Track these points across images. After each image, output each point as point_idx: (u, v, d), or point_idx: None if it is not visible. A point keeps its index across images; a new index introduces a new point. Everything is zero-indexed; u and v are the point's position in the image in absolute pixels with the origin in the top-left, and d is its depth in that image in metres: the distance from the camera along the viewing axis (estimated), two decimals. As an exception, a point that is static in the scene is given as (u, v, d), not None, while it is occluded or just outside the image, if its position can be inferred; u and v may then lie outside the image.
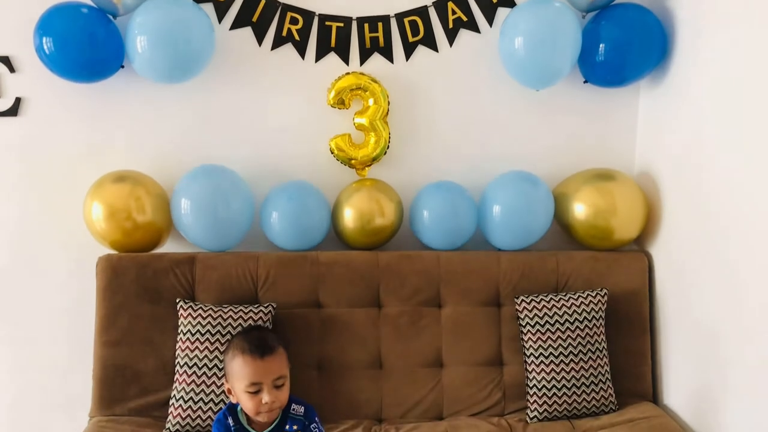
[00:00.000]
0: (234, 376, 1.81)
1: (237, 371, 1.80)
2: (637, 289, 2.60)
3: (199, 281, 2.49)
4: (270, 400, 1.77)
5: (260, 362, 1.78)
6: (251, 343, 1.81)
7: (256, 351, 1.79)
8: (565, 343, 2.46)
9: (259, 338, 1.84)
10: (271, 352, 1.81)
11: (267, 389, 1.78)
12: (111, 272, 2.45)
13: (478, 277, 2.59)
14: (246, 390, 1.78)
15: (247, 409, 1.81)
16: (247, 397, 1.79)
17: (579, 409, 2.45)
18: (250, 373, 1.78)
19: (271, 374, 1.79)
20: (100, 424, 2.33)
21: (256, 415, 1.81)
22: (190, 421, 2.32)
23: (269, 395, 1.77)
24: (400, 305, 2.57)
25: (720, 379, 2.21)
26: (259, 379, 1.78)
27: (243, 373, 1.79)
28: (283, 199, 2.56)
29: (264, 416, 1.81)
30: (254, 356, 1.79)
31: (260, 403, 1.78)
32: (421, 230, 2.64)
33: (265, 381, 1.78)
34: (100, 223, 2.48)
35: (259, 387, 1.78)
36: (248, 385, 1.78)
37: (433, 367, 2.56)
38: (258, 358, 1.78)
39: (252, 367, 1.78)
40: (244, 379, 1.78)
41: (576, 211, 2.61)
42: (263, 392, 1.78)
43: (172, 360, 2.41)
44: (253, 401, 1.78)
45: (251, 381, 1.78)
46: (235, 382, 1.81)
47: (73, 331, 2.68)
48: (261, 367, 1.78)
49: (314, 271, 2.54)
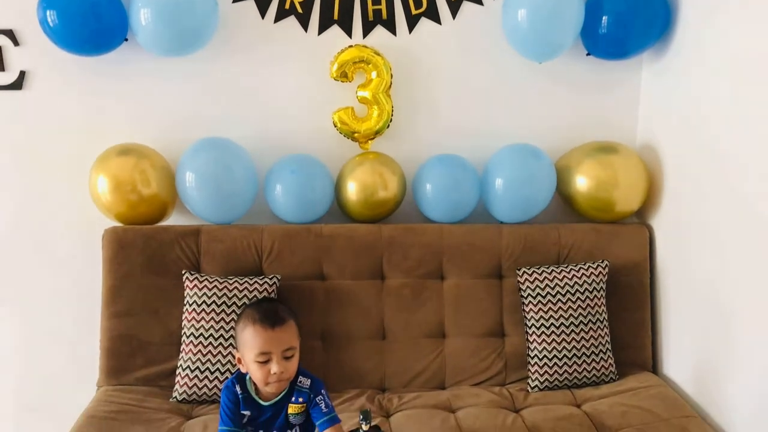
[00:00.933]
0: (244, 345, 1.83)
1: (248, 340, 1.82)
2: (638, 261, 2.62)
3: (205, 253, 2.52)
4: (278, 371, 1.79)
5: (271, 332, 1.80)
6: (263, 314, 1.83)
7: (267, 321, 1.81)
8: (566, 314, 2.48)
9: (271, 309, 1.86)
10: (282, 323, 1.82)
11: (276, 360, 1.80)
12: (117, 244, 2.48)
13: (480, 249, 2.62)
14: (255, 359, 1.80)
15: (256, 378, 1.83)
16: (257, 366, 1.81)
17: (579, 378, 2.49)
18: (260, 343, 1.80)
19: (280, 345, 1.81)
20: (108, 393, 2.36)
21: (265, 386, 1.83)
22: (196, 390, 2.36)
23: (278, 366, 1.79)
24: (403, 277, 2.60)
25: (719, 350, 2.24)
26: (269, 349, 1.80)
27: (253, 342, 1.80)
28: (286, 172, 2.57)
29: (272, 386, 1.83)
30: (265, 326, 1.80)
31: (269, 373, 1.80)
32: (424, 203, 2.66)
33: (275, 351, 1.80)
34: (106, 196, 2.50)
35: (269, 357, 1.80)
36: (258, 354, 1.80)
37: (436, 338, 2.59)
38: (269, 329, 1.80)
39: (262, 337, 1.80)
40: (254, 348, 1.80)
41: (578, 184, 2.63)
42: (272, 362, 1.79)
43: (178, 330, 2.44)
44: (262, 371, 1.80)
45: (261, 351, 1.80)
46: (245, 351, 1.83)
47: (80, 303, 2.71)
48: (271, 337, 1.80)
49: (318, 243, 2.57)
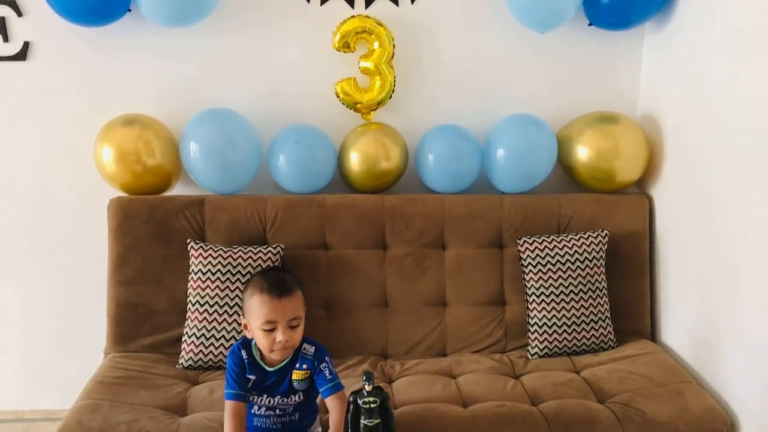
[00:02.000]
0: (251, 312, 1.86)
1: (254, 308, 1.84)
2: (638, 231, 2.65)
3: (209, 223, 2.55)
4: (284, 339, 1.82)
5: (277, 302, 1.82)
6: (270, 283, 1.85)
7: (274, 291, 1.83)
8: (566, 283, 2.52)
9: (278, 279, 1.87)
10: (288, 293, 1.84)
11: (282, 329, 1.82)
12: (122, 214, 2.51)
13: (481, 219, 2.64)
14: (261, 327, 1.83)
15: (262, 345, 1.86)
16: (263, 334, 1.84)
17: (579, 346, 2.53)
18: (266, 311, 1.82)
19: (286, 314, 1.83)
20: (116, 360, 2.41)
21: (270, 353, 1.87)
22: (202, 357, 2.40)
23: (283, 334, 1.82)
24: (405, 247, 2.63)
25: (717, 319, 2.27)
26: (275, 318, 1.82)
27: (260, 311, 1.83)
28: (289, 143, 2.59)
29: (277, 354, 1.86)
30: (272, 296, 1.82)
31: (274, 341, 1.82)
32: (426, 174, 2.68)
33: (281, 320, 1.82)
34: (111, 166, 2.53)
35: (275, 326, 1.83)
36: (264, 323, 1.82)
37: (437, 306, 2.63)
38: (275, 298, 1.82)
39: (269, 306, 1.82)
40: (261, 317, 1.83)
41: (579, 154, 2.65)
42: (278, 331, 1.82)
43: (183, 299, 2.47)
44: (268, 339, 1.83)
45: (267, 319, 1.82)
46: (251, 318, 1.86)
47: (87, 273, 2.75)
48: (278, 306, 1.82)
49: (321, 213, 2.59)
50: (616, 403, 2.18)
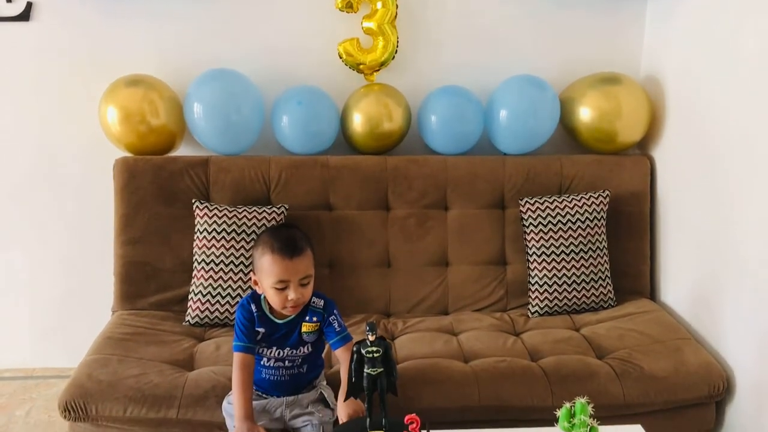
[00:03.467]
0: (262, 271, 1.88)
1: (266, 268, 1.86)
2: (639, 191, 2.67)
3: (213, 183, 2.57)
4: (295, 297, 1.85)
5: (289, 262, 1.84)
6: (282, 243, 1.86)
7: (286, 251, 1.84)
8: (566, 243, 2.54)
9: (290, 238, 1.88)
10: (300, 253, 1.86)
11: (293, 287, 1.85)
12: (128, 174, 2.53)
13: (483, 180, 2.67)
14: (273, 286, 1.85)
15: (273, 303, 1.89)
16: (274, 292, 1.86)
17: (579, 304, 2.56)
18: (278, 271, 1.84)
19: (298, 274, 1.85)
20: (123, 317, 2.45)
21: (282, 309, 1.90)
22: (208, 314, 2.44)
23: (295, 293, 1.84)
24: (408, 208, 2.65)
25: (717, 278, 2.30)
26: (287, 277, 1.84)
27: (272, 270, 1.85)
28: (292, 104, 2.60)
29: (289, 311, 1.89)
30: (284, 256, 1.84)
31: (286, 299, 1.85)
32: (429, 135, 2.70)
33: (293, 280, 1.85)
34: (115, 126, 2.55)
35: (286, 284, 1.85)
36: (276, 282, 1.85)
37: (439, 266, 2.66)
38: (287, 258, 1.84)
39: (281, 266, 1.84)
40: (273, 276, 1.85)
41: (581, 115, 2.66)
42: (289, 290, 1.84)
43: (189, 258, 2.51)
44: (280, 297, 1.86)
45: (279, 279, 1.84)
46: (262, 277, 1.88)
47: (93, 232, 2.79)
48: (290, 266, 1.84)
49: (324, 174, 2.62)
50: (615, 359, 2.22)
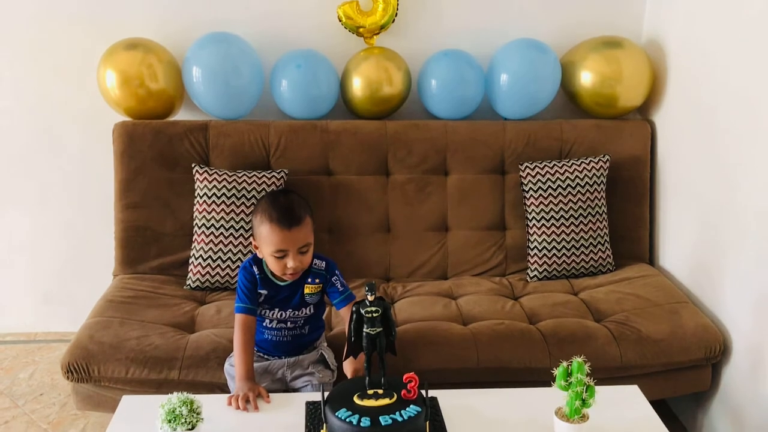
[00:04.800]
0: (261, 239, 1.87)
1: (264, 237, 1.85)
2: (639, 156, 2.66)
3: (213, 147, 2.57)
4: (294, 265, 1.85)
5: (287, 232, 1.82)
6: (280, 213, 1.84)
7: (284, 221, 1.83)
8: (566, 207, 2.55)
9: (288, 207, 1.86)
10: (298, 222, 1.84)
11: (292, 255, 1.84)
12: (127, 138, 2.53)
13: (483, 145, 2.66)
14: (272, 255, 1.85)
15: (273, 269, 1.89)
16: (274, 260, 1.86)
17: (578, 269, 2.57)
18: (276, 241, 1.83)
19: (297, 243, 1.84)
20: (124, 281, 2.46)
21: (281, 276, 1.90)
22: (209, 278, 2.45)
23: (294, 261, 1.84)
24: (408, 173, 2.65)
25: (715, 242, 2.30)
26: (286, 247, 1.84)
27: (270, 239, 1.84)
28: (291, 67, 2.59)
29: (288, 277, 1.90)
30: (282, 227, 1.82)
31: (285, 266, 1.85)
32: (429, 99, 2.68)
33: (291, 249, 1.84)
34: (114, 91, 2.53)
35: (285, 253, 1.84)
36: (274, 251, 1.84)
37: (439, 231, 2.67)
38: (285, 229, 1.82)
39: (279, 236, 1.83)
40: (271, 245, 1.84)
41: (582, 79, 2.64)
42: (288, 258, 1.84)
43: (189, 222, 2.52)
44: (279, 264, 1.86)
45: (277, 248, 1.84)
46: (262, 244, 1.88)
47: (94, 197, 2.80)
48: (288, 236, 1.83)
49: (324, 139, 2.61)
50: (613, 322, 2.24)
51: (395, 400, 1.53)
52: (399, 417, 1.48)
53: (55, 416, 2.49)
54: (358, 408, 1.51)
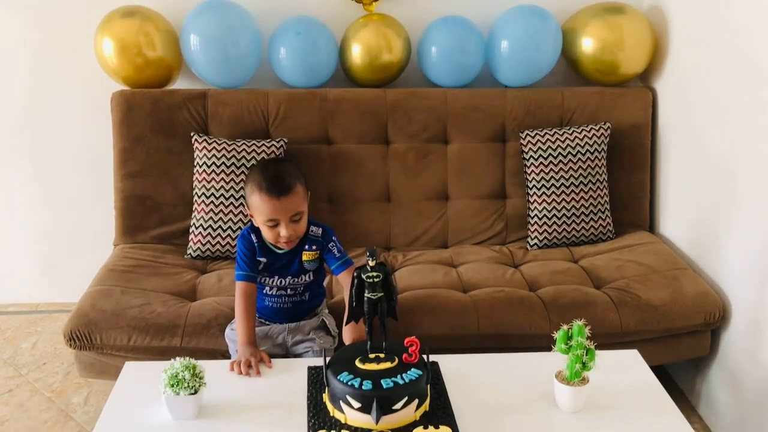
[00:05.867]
0: (253, 209, 1.88)
1: (256, 206, 1.86)
2: (641, 124, 2.65)
3: (212, 116, 2.55)
4: (287, 234, 1.84)
5: (277, 202, 1.82)
6: (269, 182, 1.83)
7: (273, 191, 1.82)
8: (566, 175, 2.54)
9: (277, 176, 1.85)
10: (287, 191, 1.83)
11: (284, 224, 1.84)
12: (126, 107, 2.51)
13: (484, 113, 2.64)
14: (265, 224, 1.86)
15: (268, 238, 1.89)
16: (267, 229, 1.86)
17: (578, 237, 2.57)
18: (267, 210, 1.83)
19: (288, 212, 1.84)
20: (125, 250, 2.46)
21: (276, 244, 1.90)
22: (209, 247, 2.45)
23: (286, 229, 1.84)
24: (408, 141, 2.64)
25: (716, 211, 2.30)
26: (276, 216, 1.84)
27: (261, 209, 1.84)
28: (290, 34, 2.56)
29: (283, 245, 1.90)
30: (271, 196, 1.82)
31: (278, 235, 1.85)
32: (429, 67, 2.66)
33: (283, 218, 1.84)
34: (112, 59, 2.52)
35: (277, 222, 1.84)
36: (266, 220, 1.85)
37: (439, 200, 2.66)
38: (275, 198, 1.82)
39: (269, 206, 1.82)
40: (263, 215, 1.85)
41: (583, 46, 2.62)
42: (281, 227, 1.84)
43: (189, 192, 2.51)
44: (272, 233, 1.86)
45: (269, 218, 1.84)
46: (255, 214, 1.88)
47: (93, 167, 2.79)
48: (278, 205, 1.82)
49: (323, 107, 2.60)
50: (613, 289, 2.25)
51: (396, 364, 1.54)
52: (400, 380, 1.49)
53: (58, 384, 2.50)
54: (360, 372, 1.52)
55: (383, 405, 1.45)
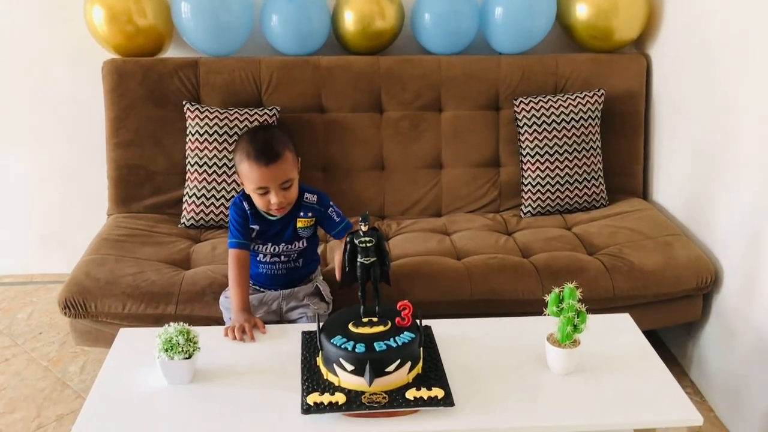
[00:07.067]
0: (242, 176, 1.87)
1: (245, 174, 1.85)
2: (635, 90, 2.64)
3: (204, 85, 2.54)
4: (277, 201, 1.84)
5: (265, 169, 1.81)
6: (257, 150, 1.81)
7: (261, 158, 1.80)
8: (560, 143, 2.53)
9: (266, 144, 1.83)
10: (276, 159, 1.81)
11: (274, 192, 1.83)
12: (117, 75, 2.49)
13: (478, 80, 2.63)
14: (254, 191, 1.85)
15: (259, 205, 1.89)
16: (257, 196, 1.86)
17: (571, 204, 2.58)
18: (256, 178, 1.82)
19: (277, 180, 1.83)
20: (119, 220, 2.46)
21: (267, 211, 1.90)
22: (203, 216, 2.45)
23: (276, 197, 1.83)
24: (402, 109, 2.63)
25: (708, 176, 2.30)
26: (265, 183, 1.83)
27: (250, 177, 1.83)
28: (282, 2, 2.54)
29: (274, 212, 1.89)
30: (259, 163, 1.80)
31: (269, 202, 1.85)
32: (422, 34, 2.64)
33: (272, 185, 1.83)
34: (102, 27, 2.49)
35: (266, 190, 1.84)
36: (256, 188, 1.84)
37: (433, 169, 2.66)
38: (263, 166, 1.80)
39: (258, 174, 1.81)
40: (252, 182, 1.84)
41: (577, 12, 2.60)
42: (271, 194, 1.84)
43: (182, 161, 2.50)
44: (263, 200, 1.86)
45: (258, 185, 1.83)
46: (244, 181, 1.88)
47: (86, 136, 2.77)
48: (266, 173, 1.81)
49: (316, 75, 2.58)
50: (605, 255, 2.26)
51: (390, 328, 1.55)
52: (393, 343, 1.50)
53: (54, 354, 2.52)
54: (353, 335, 1.53)
55: (376, 367, 1.46)
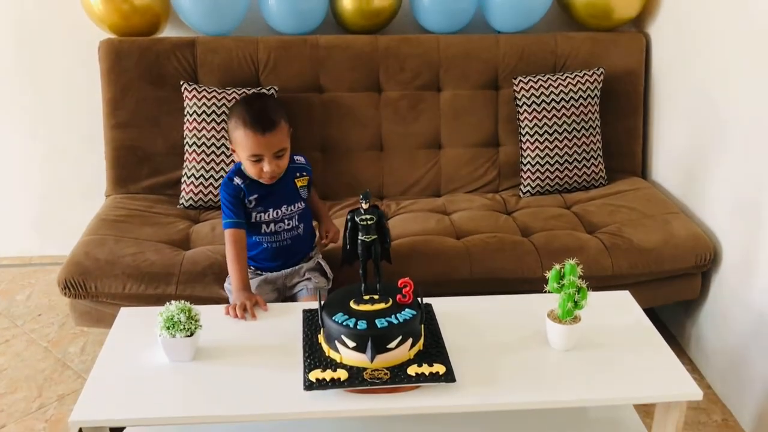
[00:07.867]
0: (236, 143, 1.87)
1: (239, 141, 1.85)
2: (634, 69, 2.63)
3: (201, 64, 2.52)
4: (270, 170, 1.85)
5: (261, 137, 1.81)
6: (253, 117, 1.82)
7: (258, 126, 1.81)
8: (559, 122, 2.53)
9: (262, 111, 1.84)
10: (272, 128, 1.83)
11: (268, 160, 1.84)
12: (114, 55, 2.47)
13: (477, 60, 2.62)
14: (248, 159, 1.86)
15: (251, 173, 1.89)
16: (250, 164, 1.86)
17: (570, 183, 2.58)
18: (251, 145, 1.83)
19: (271, 148, 1.84)
20: (117, 201, 2.45)
21: (258, 179, 1.90)
22: (202, 196, 2.45)
23: (269, 165, 1.85)
24: (400, 89, 2.62)
25: (706, 154, 2.30)
26: (260, 152, 1.84)
27: (245, 144, 1.84)
28: (279, -21, 2.52)
29: (266, 180, 1.89)
30: (255, 131, 1.81)
31: (262, 170, 1.86)
32: (421, 12, 2.63)
33: (266, 154, 1.84)
34: (98, 6, 2.47)
35: (260, 157, 1.85)
36: (250, 155, 1.84)
37: (432, 149, 2.65)
38: (259, 134, 1.81)
39: (253, 141, 1.82)
40: (246, 150, 1.84)
41: (577, -10, 2.59)
42: (264, 162, 1.85)
43: (180, 142, 2.49)
44: (255, 168, 1.86)
45: (252, 153, 1.84)
46: (238, 149, 1.88)
47: (83, 117, 2.76)
48: (262, 141, 1.82)
49: (314, 54, 2.56)
50: (605, 233, 2.26)
51: (391, 305, 1.55)
52: (394, 320, 1.50)
53: (54, 335, 2.52)
54: (354, 312, 1.53)
55: (378, 344, 1.47)
